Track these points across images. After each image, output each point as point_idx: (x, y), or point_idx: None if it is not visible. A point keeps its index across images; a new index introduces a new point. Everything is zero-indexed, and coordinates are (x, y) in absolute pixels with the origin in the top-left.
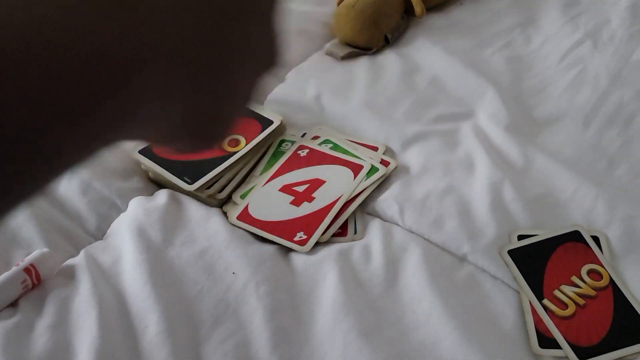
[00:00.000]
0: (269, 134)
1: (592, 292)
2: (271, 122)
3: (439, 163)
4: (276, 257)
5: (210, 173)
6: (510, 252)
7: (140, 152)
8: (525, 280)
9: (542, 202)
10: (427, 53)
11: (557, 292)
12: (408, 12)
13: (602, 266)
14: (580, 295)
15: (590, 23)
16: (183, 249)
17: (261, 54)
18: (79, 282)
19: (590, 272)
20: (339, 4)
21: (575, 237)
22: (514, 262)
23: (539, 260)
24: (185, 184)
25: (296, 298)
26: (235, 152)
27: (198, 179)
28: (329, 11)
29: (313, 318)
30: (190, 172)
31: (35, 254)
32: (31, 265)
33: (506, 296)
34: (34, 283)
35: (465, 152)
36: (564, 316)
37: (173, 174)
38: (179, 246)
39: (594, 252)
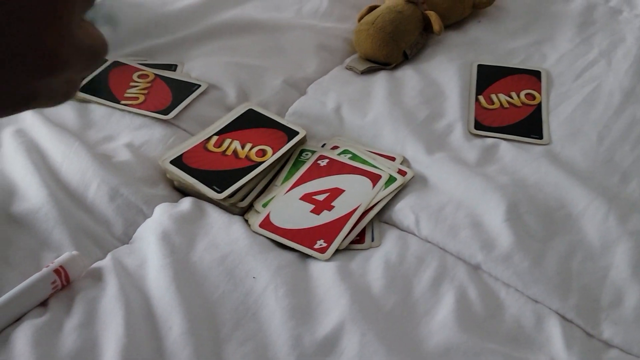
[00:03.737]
0: (294, 144)
1: None
2: (296, 133)
3: (454, 173)
4: (295, 263)
5: (240, 182)
6: None
7: (172, 162)
8: None
9: (554, 215)
10: (444, 69)
11: None
12: (427, 29)
13: None
14: None
15: (605, 42)
16: (205, 254)
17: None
18: (106, 284)
19: None
20: (359, 20)
21: None
22: None
23: None
24: (214, 192)
25: (313, 301)
26: (262, 162)
27: (226, 188)
28: (350, 27)
29: (329, 320)
30: (218, 181)
31: (64, 256)
32: (61, 267)
33: (520, 304)
34: (63, 284)
35: (477, 166)
36: None
37: (202, 183)
38: (202, 251)
39: None
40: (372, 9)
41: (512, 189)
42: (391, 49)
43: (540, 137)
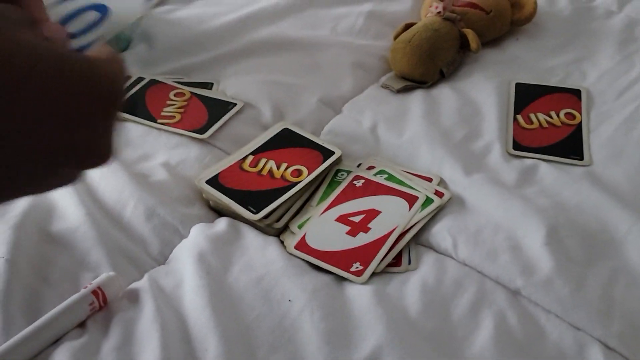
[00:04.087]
0: (329, 165)
1: None
2: (332, 153)
3: (492, 195)
4: (331, 286)
5: (275, 202)
6: None
7: (208, 182)
8: None
9: (596, 239)
10: (482, 88)
11: None
12: (464, 47)
13: None
14: None
15: None
16: (241, 275)
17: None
18: (143, 305)
19: None
20: (395, 38)
21: None
22: None
23: None
24: (250, 213)
25: (350, 325)
26: (298, 182)
27: (261, 209)
28: (386, 45)
29: (366, 345)
30: (254, 201)
31: (102, 277)
32: (99, 288)
33: (561, 330)
34: (101, 305)
35: (516, 188)
36: None
37: (238, 203)
38: (238, 272)
39: None
40: (408, 26)
41: (552, 211)
42: (427, 67)
43: (581, 158)
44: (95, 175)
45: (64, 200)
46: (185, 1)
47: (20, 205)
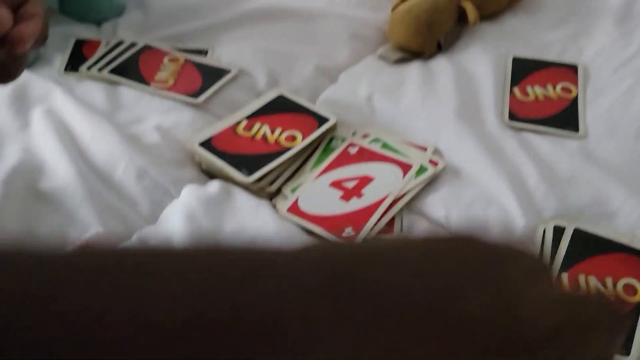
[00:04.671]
0: (324, 131)
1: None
2: (327, 120)
3: (486, 166)
4: None
5: (268, 166)
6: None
7: (201, 144)
8: None
9: (589, 212)
10: (479, 60)
11: None
12: (462, 19)
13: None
14: None
15: None
16: (232, 237)
17: None
18: None
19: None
20: (393, 9)
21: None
22: None
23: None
24: (242, 175)
25: None
26: (292, 147)
27: (255, 172)
28: (383, 17)
29: None
30: (247, 165)
31: (91, 234)
32: (87, 244)
33: None
34: None
35: (511, 160)
36: None
37: (231, 166)
38: (229, 234)
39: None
40: None
41: (546, 187)
42: (425, 38)
43: (577, 130)
44: (87, 136)
45: (54, 159)
46: None
47: (9, 161)
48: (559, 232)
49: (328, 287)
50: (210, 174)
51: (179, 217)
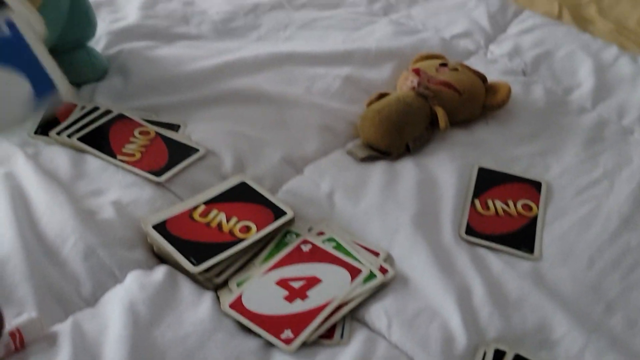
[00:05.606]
0: (279, 225)
1: None
2: (284, 213)
3: (436, 280)
4: (257, 354)
5: (217, 257)
6: None
7: (154, 227)
8: None
9: (532, 338)
10: (445, 167)
11: None
12: (433, 124)
13: None
14: None
15: (611, 162)
16: (168, 330)
17: None
18: (60, 350)
19: None
20: (368, 106)
21: None
22: None
23: None
24: (190, 264)
25: None
26: (244, 239)
27: (204, 261)
28: (358, 111)
29: None
30: (197, 253)
31: (23, 318)
32: (17, 329)
33: None
34: (17, 347)
35: (461, 275)
36: None
37: (180, 253)
38: (165, 327)
39: None
40: (382, 96)
41: (491, 307)
42: (394, 139)
43: (531, 252)
44: (41, 205)
45: (2, 225)
46: (168, 40)
47: None
48: (499, 356)
49: None
50: (161, 258)
51: (118, 304)
